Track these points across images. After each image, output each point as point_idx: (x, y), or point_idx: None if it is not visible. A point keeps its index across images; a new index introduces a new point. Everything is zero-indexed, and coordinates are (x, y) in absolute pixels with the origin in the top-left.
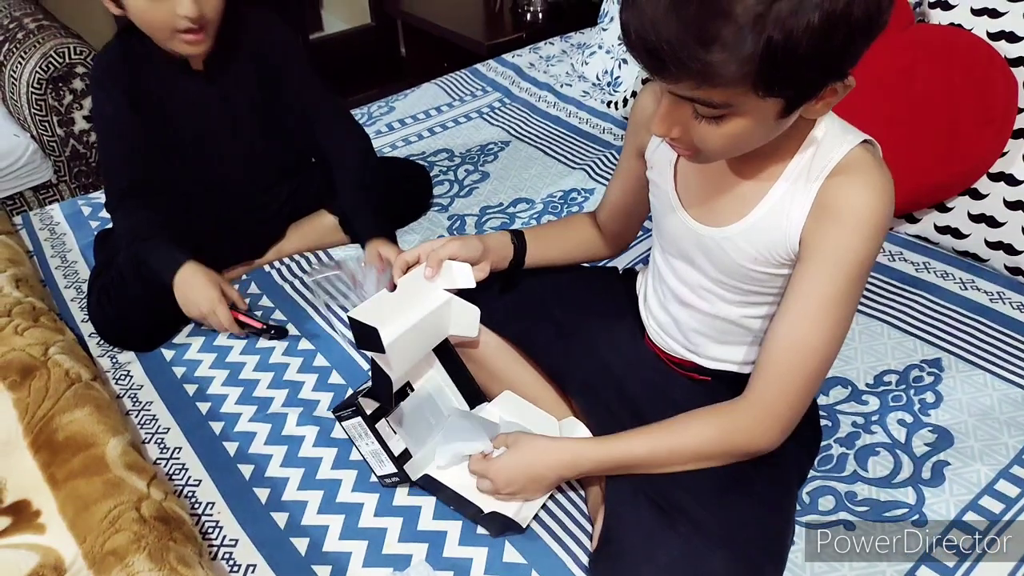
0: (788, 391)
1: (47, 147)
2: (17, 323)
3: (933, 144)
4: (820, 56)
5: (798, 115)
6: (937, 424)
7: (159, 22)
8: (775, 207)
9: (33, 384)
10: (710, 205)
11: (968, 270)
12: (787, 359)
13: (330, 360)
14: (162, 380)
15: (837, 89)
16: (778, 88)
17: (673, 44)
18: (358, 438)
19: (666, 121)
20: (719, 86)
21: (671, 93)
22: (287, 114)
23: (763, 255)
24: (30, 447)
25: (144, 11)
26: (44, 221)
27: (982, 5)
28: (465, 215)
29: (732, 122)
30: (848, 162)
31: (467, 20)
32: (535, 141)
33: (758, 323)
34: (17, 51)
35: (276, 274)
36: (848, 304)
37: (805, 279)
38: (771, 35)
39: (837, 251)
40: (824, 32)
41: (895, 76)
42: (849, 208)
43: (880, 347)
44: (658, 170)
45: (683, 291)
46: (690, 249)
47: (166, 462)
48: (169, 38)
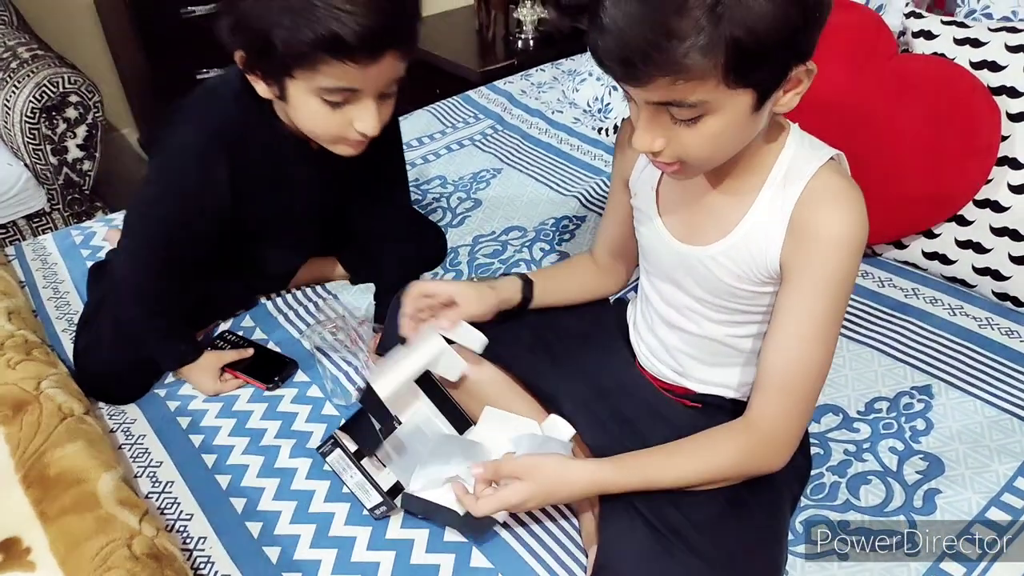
0: (792, 411)
1: (40, 176)
2: (9, 356)
3: (919, 172)
4: (779, 36)
5: (770, 108)
6: (928, 451)
7: (330, 129)
8: (754, 226)
9: (25, 419)
10: (692, 225)
11: (957, 296)
12: (786, 380)
13: (323, 391)
14: (155, 414)
15: (802, 77)
16: (746, 76)
17: (640, 44)
18: (343, 472)
19: (647, 134)
20: (691, 80)
21: (647, 104)
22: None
23: (745, 273)
24: (21, 482)
25: (318, 117)
26: (37, 251)
27: (964, 35)
28: (459, 246)
29: (709, 121)
30: (820, 180)
31: (459, 47)
32: (527, 168)
33: (745, 343)
34: (11, 80)
35: (271, 305)
36: (836, 320)
37: (791, 301)
38: (729, 21)
39: (818, 273)
40: (779, 13)
41: (881, 104)
42: (824, 230)
43: (871, 374)
44: (641, 195)
45: (670, 313)
46: (675, 270)
47: (158, 496)
48: (331, 141)
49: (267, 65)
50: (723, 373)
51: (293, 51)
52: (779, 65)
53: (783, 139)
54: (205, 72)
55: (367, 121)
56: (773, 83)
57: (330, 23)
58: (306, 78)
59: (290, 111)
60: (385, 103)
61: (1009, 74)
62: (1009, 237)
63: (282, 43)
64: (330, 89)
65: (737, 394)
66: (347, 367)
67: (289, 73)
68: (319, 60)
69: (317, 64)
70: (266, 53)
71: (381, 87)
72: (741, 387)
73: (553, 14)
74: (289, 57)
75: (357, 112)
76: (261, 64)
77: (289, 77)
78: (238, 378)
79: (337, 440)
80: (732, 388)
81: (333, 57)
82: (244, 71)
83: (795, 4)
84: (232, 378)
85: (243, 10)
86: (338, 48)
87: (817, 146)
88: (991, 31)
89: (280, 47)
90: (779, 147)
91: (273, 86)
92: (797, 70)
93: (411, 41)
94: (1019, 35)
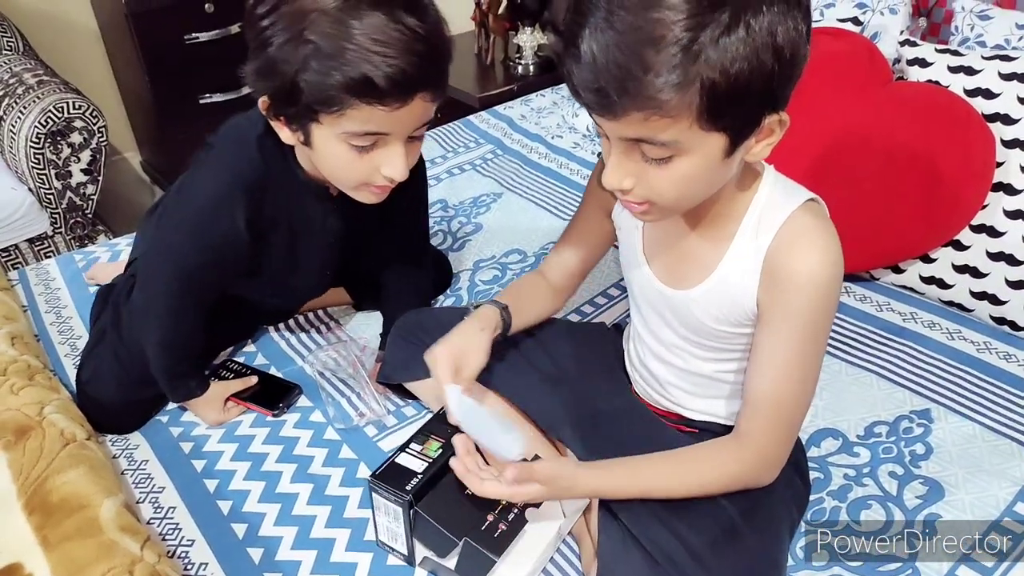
0: (779, 435)
1: (44, 200)
2: (12, 382)
3: (914, 198)
4: (753, 82)
5: (741, 156)
6: (928, 476)
7: (356, 174)
8: (731, 270)
9: (28, 444)
10: (674, 268)
11: (955, 320)
12: (769, 410)
13: (325, 416)
14: (158, 440)
15: (774, 127)
16: (719, 118)
17: (616, 75)
18: (384, 514)
19: (618, 171)
20: (665, 117)
21: (620, 140)
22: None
23: (724, 315)
24: (24, 508)
25: (344, 163)
26: (40, 276)
27: (958, 63)
28: (460, 271)
29: (680, 163)
30: (792, 224)
31: (459, 73)
32: (527, 193)
33: (732, 376)
34: (16, 106)
35: (272, 330)
36: (815, 353)
37: (768, 340)
38: (705, 61)
39: (792, 312)
40: (753, 58)
41: (876, 132)
42: (796, 274)
43: (870, 398)
44: (626, 231)
45: (658, 348)
46: (661, 308)
47: (160, 522)
48: (355, 187)
49: (293, 110)
50: (714, 403)
51: (321, 95)
52: (752, 110)
53: (756, 185)
54: (208, 97)
55: (395, 166)
56: (745, 129)
57: (362, 66)
58: (333, 123)
59: (314, 157)
60: (413, 146)
61: (1003, 101)
62: (1005, 262)
63: (310, 87)
64: (358, 134)
65: (729, 421)
66: (349, 392)
67: (315, 118)
68: (348, 104)
69: (345, 108)
70: (293, 98)
71: (410, 130)
72: (731, 416)
73: (553, 39)
74: (316, 102)
75: (385, 156)
76: (287, 109)
77: (315, 122)
78: (242, 406)
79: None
80: (722, 417)
81: (362, 101)
82: (268, 117)
83: (770, 51)
84: (236, 406)
85: (271, 55)
86: (368, 92)
87: (791, 190)
88: (985, 59)
89: (307, 91)
90: (752, 193)
91: (298, 131)
92: (770, 119)
93: (442, 84)
94: (1012, 63)
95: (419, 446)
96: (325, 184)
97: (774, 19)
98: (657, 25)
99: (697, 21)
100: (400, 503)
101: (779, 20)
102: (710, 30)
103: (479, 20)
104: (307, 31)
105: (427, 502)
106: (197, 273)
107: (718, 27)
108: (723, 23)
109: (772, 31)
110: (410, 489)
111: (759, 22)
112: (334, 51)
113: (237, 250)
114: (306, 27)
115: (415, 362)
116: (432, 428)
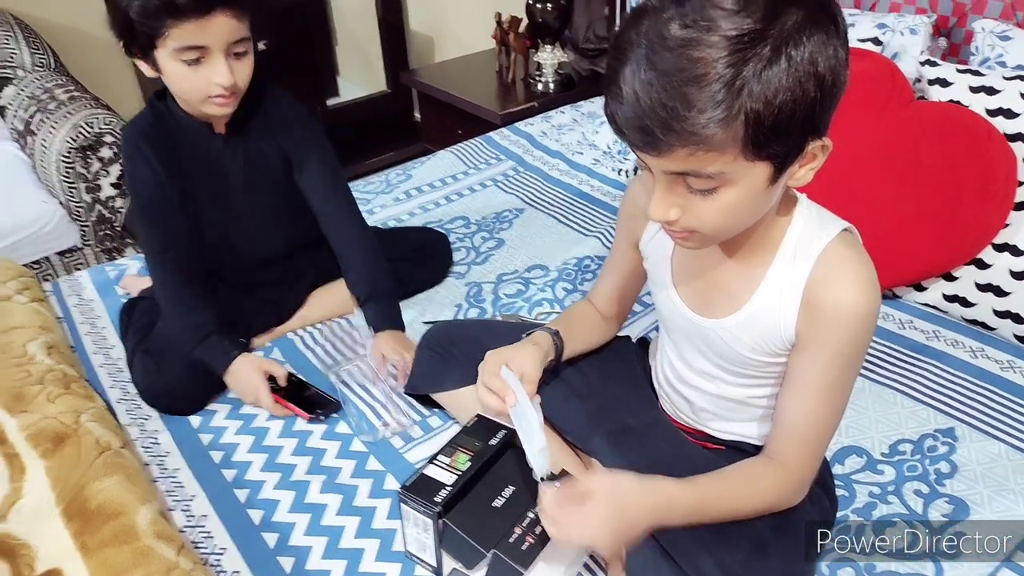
0: (810, 457)
1: (74, 213)
2: (49, 391)
3: (937, 217)
4: (796, 111)
5: (785, 182)
6: (953, 495)
7: (195, 88)
8: (767, 301)
9: (65, 452)
10: (706, 297)
11: (978, 338)
12: (803, 434)
13: (351, 427)
14: (189, 447)
15: (817, 152)
16: (764, 149)
17: (660, 113)
18: (413, 525)
19: (663, 204)
20: (710, 151)
21: (664, 173)
22: (301, 194)
23: (760, 345)
24: (62, 515)
25: (182, 78)
26: (73, 287)
27: (979, 83)
28: (482, 283)
29: (725, 193)
30: (830, 255)
31: (480, 91)
32: (548, 208)
33: (764, 401)
34: (48, 121)
35: (299, 341)
36: (849, 381)
37: (805, 367)
38: (748, 94)
39: (832, 345)
40: (796, 88)
41: (898, 151)
42: (837, 306)
43: (894, 416)
44: (653, 261)
45: (688, 373)
46: (692, 335)
47: (192, 530)
48: (201, 101)
49: (137, 44)
50: (744, 426)
51: (146, 23)
52: (796, 138)
53: (792, 212)
54: None
55: (219, 72)
56: (790, 156)
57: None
58: (163, 45)
59: (166, 82)
60: (239, 62)
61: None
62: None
63: (138, 18)
64: (182, 48)
65: (759, 441)
66: (374, 403)
67: (152, 44)
68: (164, 24)
69: (166, 29)
70: (132, 32)
71: (224, 44)
72: (762, 437)
73: (572, 57)
74: (145, 29)
75: (211, 68)
76: (133, 44)
77: (154, 48)
78: (283, 405)
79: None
80: (753, 438)
81: (173, 18)
82: (130, 57)
83: (812, 80)
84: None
85: (113, 4)
86: (174, 10)
87: (827, 220)
88: (1006, 79)
89: (137, 22)
90: (788, 221)
91: (150, 62)
92: (813, 145)
93: (241, 1)
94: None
95: (447, 458)
96: (207, 121)
97: (815, 48)
98: (699, 63)
99: (739, 57)
100: (429, 514)
101: (819, 49)
102: (752, 64)
103: (500, 39)
104: None
105: (456, 514)
106: (151, 220)
107: (760, 61)
108: (765, 56)
109: (813, 60)
110: (439, 501)
111: (800, 53)
112: None
113: (160, 186)
114: None
115: (442, 373)
116: (460, 441)
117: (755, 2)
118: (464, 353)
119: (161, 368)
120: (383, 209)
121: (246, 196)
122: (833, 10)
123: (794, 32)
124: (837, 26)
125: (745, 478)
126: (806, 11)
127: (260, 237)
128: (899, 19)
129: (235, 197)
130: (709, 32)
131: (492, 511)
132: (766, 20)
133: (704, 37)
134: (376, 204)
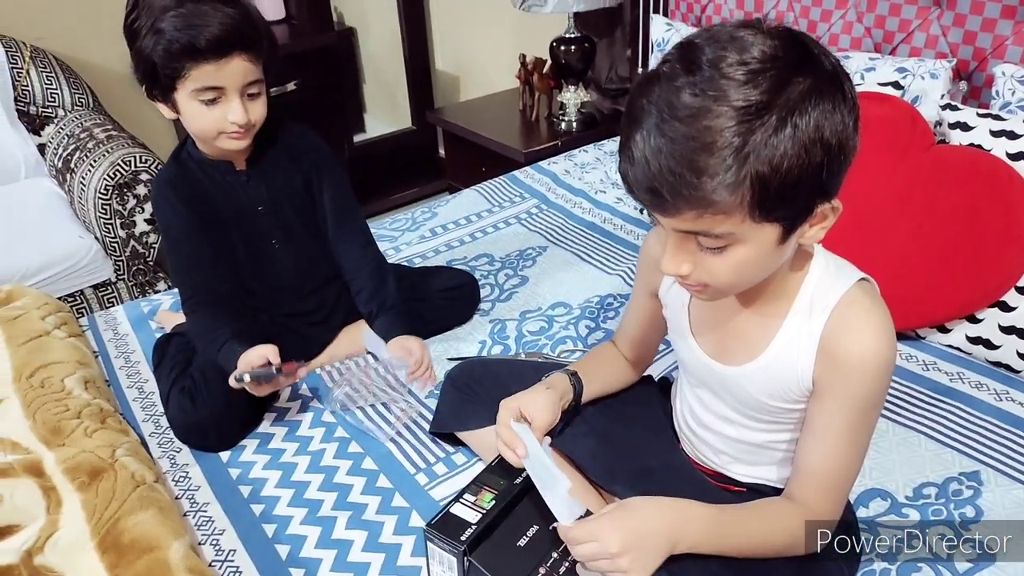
0: (832, 502)
1: (108, 248)
2: (86, 425)
3: (958, 261)
4: (803, 176)
5: (796, 241)
6: (978, 539)
7: (211, 125)
8: (784, 349)
9: (101, 486)
10: (724, 345)
11: (1003, 381)
12: (824, 480)
13: (378, 463)
14: (218, 481)
15: (827, 213)
16: (771, 212)
17: (668, 178)
18: (438, 563)
19: (675, 259)
20: (718, 214)
21: (675, 231)
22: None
23: (778, 392)
24: (97, 548)
25: (200, 116)
26: (108, 322)
27: (1000, 127)
28: (506, 320)
29: (735, 251)
30: (846, 305)
31: (504, 129)
32: (571, 246)
33: (785, 445)
34: (87, 159)
35: (327, 376)
36: (866, 428)
37: (823, 415)
38: (754, 161)
39: (849, 394)
40: (802, 154)
41: (920, 195)
42: (853, 356)
43: (918, 459)
44: (673, 309)
45: (708, 417)
46: (711, 382)
47: (221, 564)
48: (217, 136)
49: (158, 87)
50: (764, 470)
51: (168, 66)
52: (804, 202)
53: (807, 265)
54: None
55: (234, 111)
56: (798, 218)
57: (188, 35)
58: (183, 87)
59: (184, 122)
60: (253, 102)
61: None
62: None
63: (161, 62)
64: (200, 89)
65: (779, 484)
66: (379, 406)
67: (173, 86)
68: (185, 66)
69: (186, 71)
70: (155, 75)
71: (239, 85)
72: (782, 480)
73: (595, 96)
74: (167, 72)
75: (227, 107)
76: (155, 87)
77: (174, 90)
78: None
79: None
80: (774, 480)
81: (193, 61)
82: (151, 100)
83: (818, 146)
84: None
85: (137, 48)
86: (195, 54)
87: (843, 270)
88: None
89: (160, 66)
90: (803, 273)
91: (169, 104)
92: (822, 207)
93: (254, 47)
94: None
95: (473, 497)
96: (227, 160)
97: (819, 116)
98: (708, 132)
99: (747, 127)
100: (455, 552)
101: (824, 117)
102: (760, 133)
103: (524, 79)
104: (157, 22)
105: (481, 552)
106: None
107: (767, 129)
108: (771, 125)
109: (819, 126)
110: (464, 539)
111: (804, 121)
112: (170, 30)
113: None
114: (156, 18)
115: (466, 412)
116: (485, 480)
117: (763, 73)
118: (488, 392)
119: (197, 405)
120: (409, 247)
121: (276, 227)
122: (841, 79)
123: (799, 101)
124: (844, 94)
125: (767, 513)
126: (813, 80)
127: (295, 265)
128: (919, 63)
129: (265, 229)
130: (718, 103)
131: (517, 550)
132: (772, 92)
133: (713, 107)
134: (402, 242)
